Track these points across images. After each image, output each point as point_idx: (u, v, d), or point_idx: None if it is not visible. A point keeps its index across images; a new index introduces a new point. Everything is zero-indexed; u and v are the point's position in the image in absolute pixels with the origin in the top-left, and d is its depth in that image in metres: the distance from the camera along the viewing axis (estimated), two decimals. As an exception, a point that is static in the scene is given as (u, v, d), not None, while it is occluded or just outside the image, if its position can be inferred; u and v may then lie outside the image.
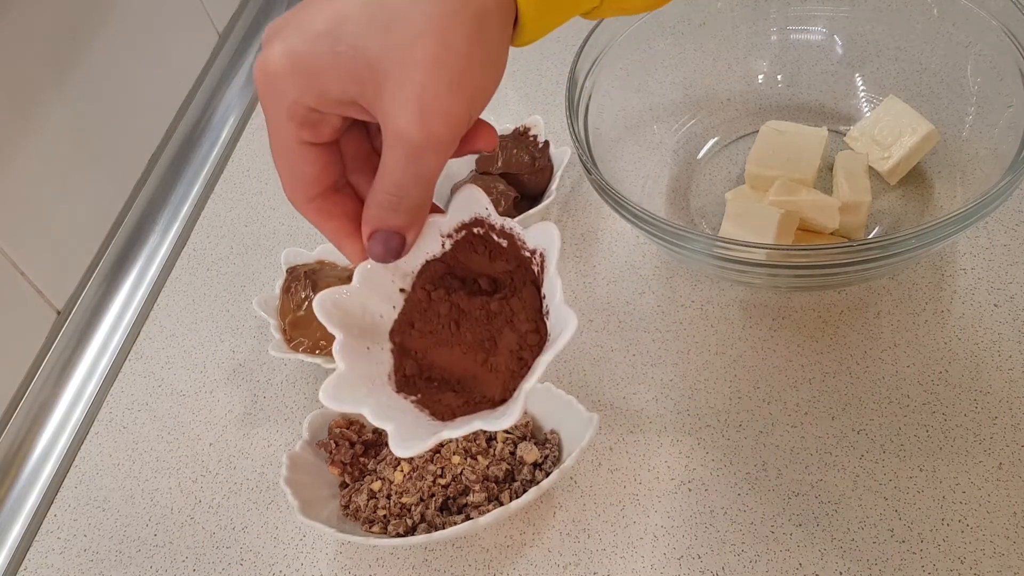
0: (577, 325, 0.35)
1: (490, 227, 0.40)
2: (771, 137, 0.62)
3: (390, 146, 0.33)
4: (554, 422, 0.53)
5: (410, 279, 0.41)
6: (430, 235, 0.40)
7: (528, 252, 0.40)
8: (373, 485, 0.52)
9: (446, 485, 0.51)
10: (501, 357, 0.39)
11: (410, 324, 0.41)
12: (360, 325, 0.40)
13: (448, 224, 0.40)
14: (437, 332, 0.40)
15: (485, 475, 0.51)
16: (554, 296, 0.38)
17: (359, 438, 0.54)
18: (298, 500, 0.50)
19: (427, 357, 0.40)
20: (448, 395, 0.39)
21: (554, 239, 0.38)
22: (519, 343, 0.39)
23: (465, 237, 0.41)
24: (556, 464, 0.52)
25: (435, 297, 0.40)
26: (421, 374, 0.40)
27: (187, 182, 0.77)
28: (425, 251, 0.41)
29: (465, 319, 0.40)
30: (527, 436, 0.53)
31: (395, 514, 0.51)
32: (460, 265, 0.41)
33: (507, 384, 0.38)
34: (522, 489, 0.51)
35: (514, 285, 0.40)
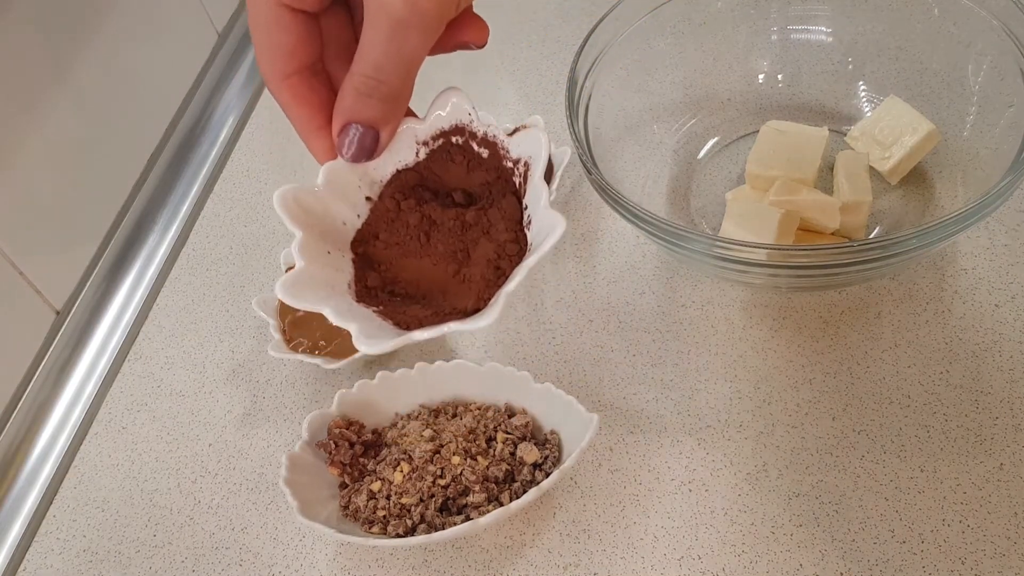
0: (565, 227, 0.33)
1: (471, 135, 0.38)
2: (771, 137, 0.62)
3: (371, 20, 0.31)
4: (554, 422, 0.53)
5: (378, 187, 0.38)
6: (404, 141, 0.37)
7: (511, 162, 0.37)
8: (373, 486, 0.52)
9: (446, 486, 0.51)
10: (476, 267, 0.37)
11: (375, 235, 0.38)
12: (321, 228, 0.37)
13: (425, 131, 0.38)
14: (404, 243, 0.38)
15: (485, 476, 0.51)
16: (538, 204, 0.35)
17: (359, 439, 0.54)
18: (297, 501, 0.50)
19: (392, 270, 0.38)
20: (414, 308, 0.36)
21: (541, 146, 0.36)
22: (497, 252, 0.36)
23: (443, 146, 0.38)
24: (556, 465, 0.51)
25: (404, 207, 0.38)
26: (384, 287, 0.38)
27: (186, 182, 0.77)
28: (397, 159, 0.38)
29: (436, 230, 0.38)
30: (527, 437, 0.53)
31: (395, 515, 0.50)
32: (434, 176, 0.39)
33: (481, 294, 0.36)
34: (522, 490, 0.51)
35: (492, 197, 0.38)
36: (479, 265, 0.37)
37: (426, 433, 0.53)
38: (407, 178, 0.38)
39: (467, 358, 0.59)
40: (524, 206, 0.37)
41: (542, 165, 0.35)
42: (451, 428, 0.53)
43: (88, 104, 0.68)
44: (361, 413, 0.55)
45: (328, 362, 0.58)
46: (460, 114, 0.37)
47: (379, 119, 0.34)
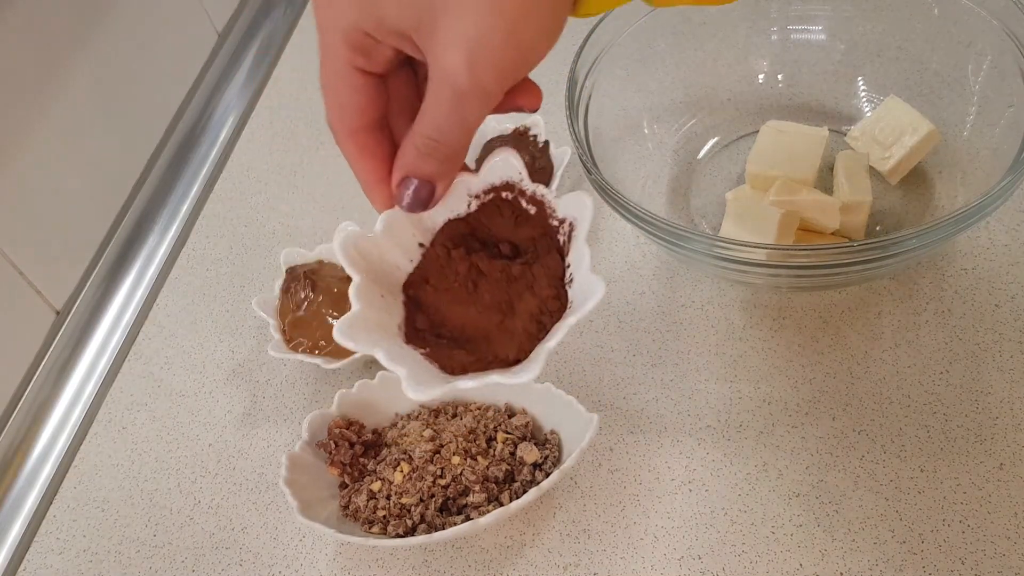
0: (604, 292, 0.35)
1: (520, 192, 0.40)
2: (771, 137, 0.62)
3: (435, 88, 0.33)
4: (554, 422, 0.53)
5: (430, 235, 0.40)
6: (457, 193, 0.40)
7: (557, 221, 0.40)
8: (373, 486, 0.52)
9: (446, 486, 0.51)
10: (519, 320, 0.38)
11: (425, 279, 0.40)
12: (376, 272, 0.39)
13: (478, 185, 0.40)
14: (453, 290, 0.40)
15: (485, 476, 0.51)
16: (581, 264, 0.37)
17: (359, 439, 0.54)
18: (297, 501, 0.50)
19: (440, 314, 0.40)
20: (459, 352, 0.38)
21: (586, 208, 0.38)
22: (539, 308, 0.38)
23: (493, 200, 0.40)
24: (556, 465, 0.51)
25: (454, 255, 0.40)
26: (431, 330, 0.39)
27: (186, 182, 0.77)
28: (450, 209, 0.40)
29: (483, 280, 0.39)
30: (527, 437, 0.53)
31: (395, 515, 0.50)
32: (483, 227, 0.41)
33: (523, 346, 0.38)
34: (522, 490, 0.51)
35: (537, 252, 0.39)
36: (522, 318, 0.38)
37: (426, 433, 0.53)
38: (458, 227, 0.40)
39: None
40: (567, 264, 0.39)
41: (586, 226, 0.38)
42: (451, 428, 0.53)
43: (88, 104, 0.68)
44: (361, 413, 0.55)
45: (328, 362, 0.58)
46: (511, 172, 0.39)
47: (436, 175, 0.36)
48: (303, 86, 0.82)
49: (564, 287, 0.39)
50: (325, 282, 0.61)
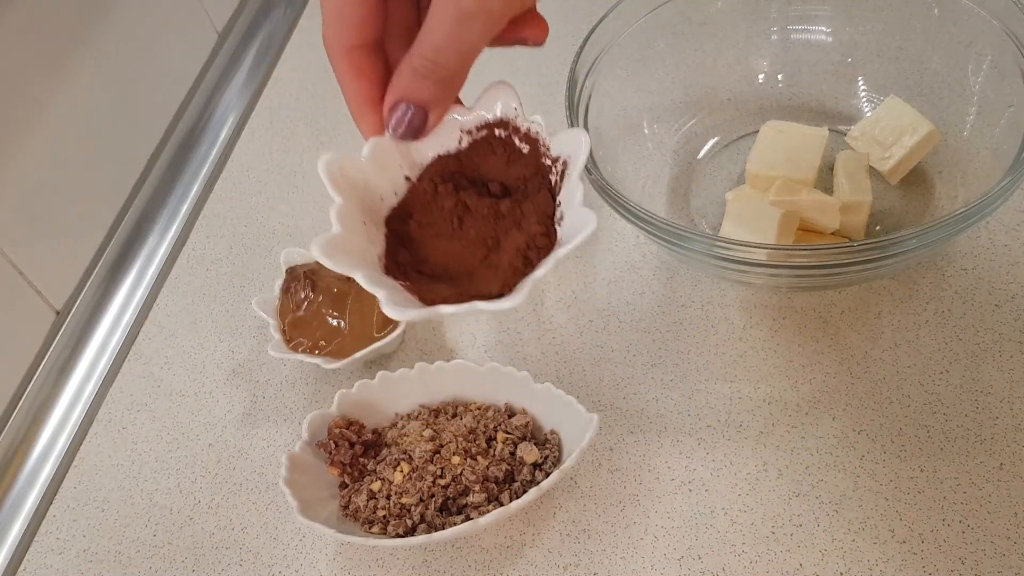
0: (596, 224, 0.34)
1: (514, 129, 0.39)
2: (771, 137, 0.62)
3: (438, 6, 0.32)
4: (554, 422, 0.53)
5: (418, 169, 0.40)
6: (448, 128, 0.39)
7: (550, 160, 0.39)
8: (373, 486, 0.52)
9: (446, 486, 0.51)
10: (505, 255, 0.38)
11: (409, 214, 0.40)
12: (360, 199, 0.38)
13: (470, 120, 0.39)
14: (437, 226, 0.39)
15: (485, 476, 0.51)
16: (572, 201, 0.36)
17: (359, 438, 0.54)
18: (297, 501, 0.50)
19: (422, 250, 0.39)
20: (440, 286, 0.38)
21: (581, 146, 0.37)
22: (527, 243, 0.37)
23: (485, 137, 0.39)
24: (556, 465, 0.51)
25: (441, 191, 0.39)
26: (412, 265, 0.39)
27: (186, 182, 0.77)
28: (441, 144, 0.39)
29: (469, 216, 0.39)
30: (527, 437, 0.53)
31: (395, 515, 0.50)
32: (473, 166, 0.40)
33: (507, 280, 0.37)
34: (522, 490, 0.51)
35: (527, 191, 0.39)
36: (508, 253, 0.37)
37: (426, 433, 0.53)
38: (447, 164, 0.39)
39: (467, 358, 0.59)
40: (558, 203, 0.38)
41: (580, 164, 0.36)
42: (451, 428, 0.53)
43: (88, 104, 0.68)
44: (361, 413, 0.55)
45: (328, 362, 0.58)
46: (506, 108, 0.38)
47: (431, 101, 0.35)
48: (303, 86, 0.82)
49: (554, 225, 0.38)
50: (325, 282, 0.61)
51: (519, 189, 0.39)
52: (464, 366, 0.55)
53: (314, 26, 0.88)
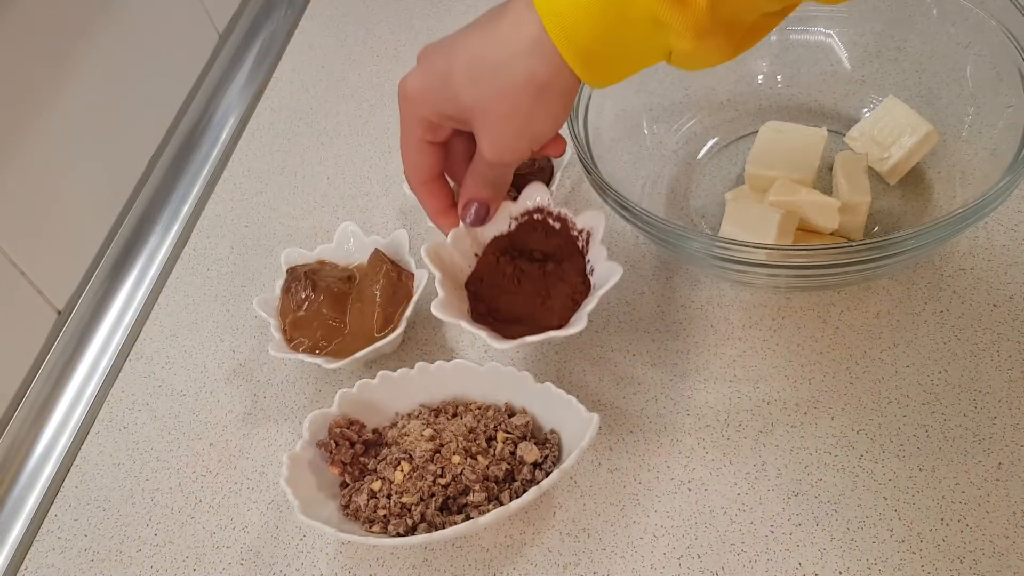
0: (622, 272, 0.51)
1: (548, 213, 0.55)
2: (771, 137, 0.62)
3: (479, 156, 0.48)
4: (554, 422, 0.53)
5: (482, 247, 0.55)
6: (501, 216, 0.55)
7: (576, 232, 0.55)
8: (373, 485, 0.52)
9: (446, 485, 0.51)
10: (557, 300, 0.53)
11: (480, 279, 0.55)
12: (449, 271, 0.54)
13: (516, 209, 0.55)
14: (502, 285, 0.55)
15: (485, 475, 0.51)
16: (599, 258, 0.53)
17: (359, 438, 0.54)
18: (298, 500, 0.50)
19: (493, 303, 0.54)
20: (515, 326, 0.53)
21: (600, 220, 0.54)
22: (571, 290, 0.54)
23: (528, 220, 0.56)
24: (556, 464, 0.52)
25: (502, 261, 0.55)
26: (489, 314, 0.54)
27: (187, 182, 0.77)
28: (496, 228, 0.55)
29: (525, 277, 0.55)
30: (527, 436, 0.53)
31: (395, 514, 0.51)
32: (521, 240, 0.56)
33: (563, 316, 0.53)
34: (522, 489, 0.51)
35: (563, 255, 0.55)
36: (559, 298, 0.53)
37: (426, 432, 0.53)
38: (503, 241, 0.55)
39: (467, 358, 0.60)
40: (587, 261, 0.54)
41: (601, 233, 0.53)
42: (451, 427, 0.53)
43: (89, 104, 0.69)
44: (362, 412, 0.56)
45: (328, 362, 0.58)
46: (541, 199, 0.55)
47: (489, 199, 0.52)
48: (304, 87, 0.82)
49: (587, 276, 0.54)
50: (325, 282, 0.61)
51: (557, 254, 0.55)
52: (464, 366, 0.55)
53: (315, 27, 0.88)
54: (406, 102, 0.48)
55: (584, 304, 0.51)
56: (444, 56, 0.45)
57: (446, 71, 0.45)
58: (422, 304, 0.60)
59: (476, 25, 0.45)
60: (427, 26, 0.85)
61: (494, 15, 0.44)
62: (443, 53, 0.46)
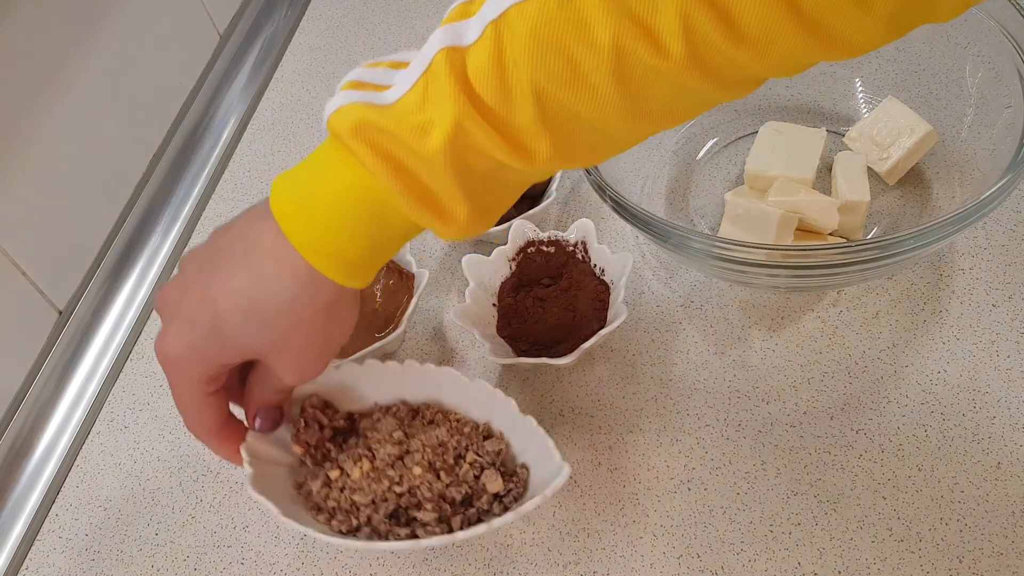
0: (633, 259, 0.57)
1: (539, 242, 0.61)
2: (770, 137, 0.62)
3: (272, 378, 0.46)
4: (527, 457, 0.50)
5: (495, 294, 0.60)
6: (500, 261, 0.60)
7: (572, 247, 0.60)
8: (331, 473, 0.49)
9: (400, 494, 0.48)
10: (584, 306, 0.57)
11: (508, 322, 0.59)
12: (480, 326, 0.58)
13: (510, 251, 0.60)
14: (530, 317, 0.58)
15: (442, 495, 0.48)
16: (604, 256, 0.58)
17: (329, 422, 0.51)
18: (253, 469, 0.48)
19: (531, 336, 0.58)
20: (560, 346, 0.56)
21: (591, 229, 0.59)
22: (593, 293, 0.58)
23: (524, 256, 0.61)
24: (517, 501, 0.48)
25: (518, 299, 0.59)
26: (531, 348, 0.57)
27: (188, 182, 0.78)
28: (500, 273, 0.60)
29: (546, 302, 0.59)
30: (496, 463, 0.50)
31: (343, 509, 0.48)
32: (526, 275, 0.60)
33: (599, 317, 0.57)
34: (476, 518, 0.48)
35: (569, 269, 0.59)
36: (585, 304, 0.58)
37: (396, 435, 0.50)
38: (510, 283, 0.60)
39: (468, 357, 0.60)
40: (594, 264, 0.59)
41: (594, 237, 0.59)
42: (422, 436, 0.50)
43: (91, 105, 0.69)
44: (340, 395, 0.53)
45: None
46: (528, 234, 0.61)
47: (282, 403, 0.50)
48: (304, 87, 0.82)
49: (601, 276, 0.59)
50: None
51: (563, 272, 0.60)
52: (452, 376, 0.52)
53: (316, 28, 0.88)
54: (173, 367, 0.44)
55: (613, 297, 0.57)
56: (203, 309, 0.43)
57: (213, 324, 0.42)
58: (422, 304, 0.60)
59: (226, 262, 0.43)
60: (427, 26, 0.85)
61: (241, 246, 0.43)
62: (199, 306, 0.43)
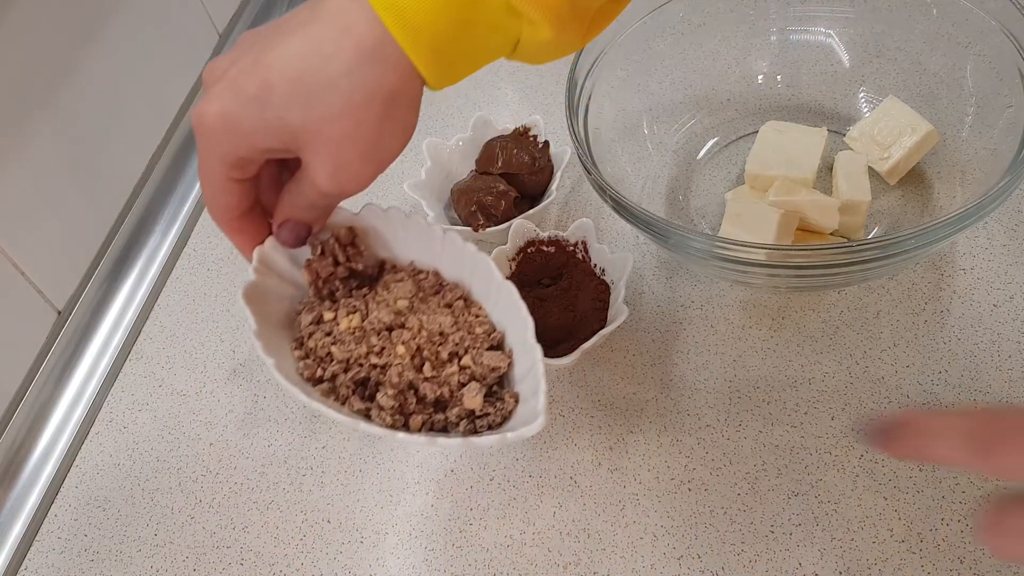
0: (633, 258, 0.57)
1: (539, 242, 0.61)
2: (771, 137, 0.62)
3: (307, 184, 0.40)
4: (522, 389, 0.44)
5: None
6: (500, 263, 0.58)
7: (571, 247, 0.60)
8: (326, 313, 0.45)
9: (376, 366, 0.44)
10: (584, 306, 0.57)
11: None
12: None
13: (510, 251, 0.60)
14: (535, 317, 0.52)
15: (414, 386, 0.43)
16: (603, 256, 0.58)
17: (346, 261, 0.46)
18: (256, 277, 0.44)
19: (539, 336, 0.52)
20: (561, 346, 0.55)
21: (591, 228, 0.59)
22: (593, 294, 0.58)
23: (524, 256, 0.61)
24: (491, 429, 0.43)
25: None
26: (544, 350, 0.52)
27: (187, 182, 0.77)
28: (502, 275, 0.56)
29: (547, 302, 0.58)
30: (486, 379, 0.44)
31: (318, 355, 0.45)
32: (526, 274, 0.60)
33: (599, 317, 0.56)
34: (442, 427, 0.43)
35: (569, 269, 0.58)
36: (585, 304, 0.57)
37: (400, 303, 0.45)
38: None
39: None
40: (594, 264, 0.59)
41: (594, 238, 0.59)
42: (425, 316, 0.45)
43: (90, 104, 0.68)
44: (378, 241, 0.48)
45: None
46: (528, 233, 0.61)
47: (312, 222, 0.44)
48: (304, 86, 0.82)
49: (600, 277, 0.59)
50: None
51: (563, 272, 0.60)
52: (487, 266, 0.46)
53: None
54: (207, 137, 0.39)
55: (613, 297, 0.57)
56: (253, 74, 0.37)
57: (260, 93, 0.37)
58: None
59: (285, 29, 0.38)
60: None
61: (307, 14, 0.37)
62: (250, 70, 0.37)
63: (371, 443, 0.58)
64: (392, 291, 0.46)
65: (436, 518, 0.54)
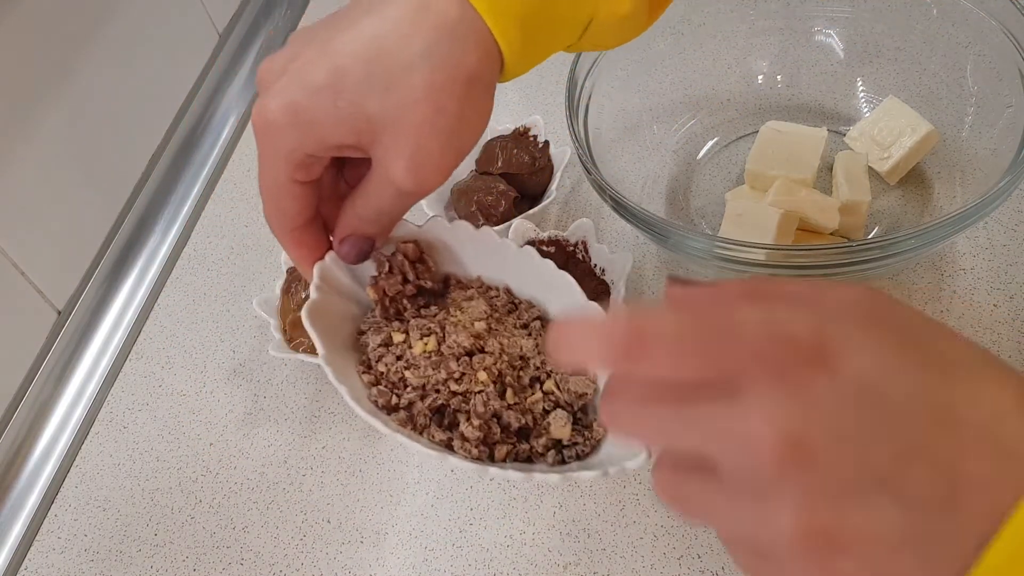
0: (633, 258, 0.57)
1: (539, 242, 0.60)
2: (771, 137, 0.62)
3: (381, 184, 0.37)
4: None
5: None
6: None
7: (571, 247, 0.60)
8: (395, 335, 0.43)
9: (456, 393, 0.41)
10: None
11: None
12: None
13: None
14: None
15: (497, 415, 0.41)
16: (603, 256, 0.59)
17: (416, 279, 0.44)
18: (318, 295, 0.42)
19: None
20: None
21: (589, 228, 0.59)
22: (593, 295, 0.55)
23: None
24: (580, 459, 0.41)
25: None
26: None
27: (187, 182, 0.77)
28: None
29: None
30: (573, 406, 0.42)
31: (390, 380, 0.42)
32: None
33: None
34: (526, 457, 0.41)
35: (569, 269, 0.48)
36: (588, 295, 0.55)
37: (478, 325, 0.43)
38: None
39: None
40: (594, 264, 0.59)
41: (593, 237, 0.59)
42: (505, 339, 0.43)
43: (90, 104, 0.69)
44: (443, 255, 0.46)
45: (329, 361, 0.57)
46: (528, 234, 0.60)
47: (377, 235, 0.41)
48: (304, 86, 0.82)
49: (600, 277, 0.59)
50: (326, 281, 0.60)
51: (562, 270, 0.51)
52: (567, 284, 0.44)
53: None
54: (270, 134, 0.36)
55: (613, 297, 0.56)
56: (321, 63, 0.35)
57: (332, 79, 0.34)
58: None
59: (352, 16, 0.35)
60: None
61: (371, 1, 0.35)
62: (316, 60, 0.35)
63: (371, 443, 0.58)
64: (466, 311, 0.44)
65: (436, 518, 0.54)
